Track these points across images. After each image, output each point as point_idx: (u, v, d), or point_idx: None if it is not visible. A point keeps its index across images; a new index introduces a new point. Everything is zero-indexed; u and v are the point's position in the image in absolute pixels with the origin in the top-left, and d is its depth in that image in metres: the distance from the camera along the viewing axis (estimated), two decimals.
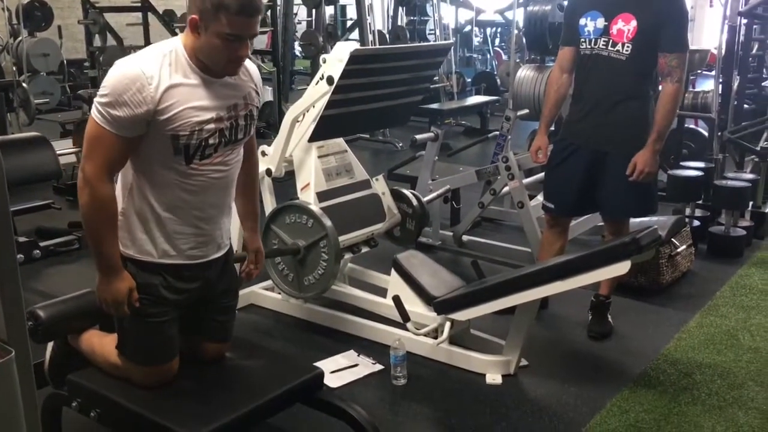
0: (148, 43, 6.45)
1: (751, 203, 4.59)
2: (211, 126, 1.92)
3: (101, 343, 2.17)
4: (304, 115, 3.18)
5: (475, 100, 8.56)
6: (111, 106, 1.81)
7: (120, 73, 1.83)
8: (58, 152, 4.36)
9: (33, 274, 3.91)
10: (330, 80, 2.97)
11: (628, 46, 2.86)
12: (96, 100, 1.85)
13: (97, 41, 6.95)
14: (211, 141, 1.93)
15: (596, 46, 2.93)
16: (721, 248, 4.26)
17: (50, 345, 2.27)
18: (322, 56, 3.09)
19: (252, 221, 2.34)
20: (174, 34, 6.01)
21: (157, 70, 1.83)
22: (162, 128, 1.86)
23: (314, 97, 3.08)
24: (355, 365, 2.90)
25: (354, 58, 2.91)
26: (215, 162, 1.97)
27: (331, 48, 3.14)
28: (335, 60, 2.98)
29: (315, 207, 3.03)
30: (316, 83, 3.06)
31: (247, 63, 2.05)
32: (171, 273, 2.01)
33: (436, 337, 2.87)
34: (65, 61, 8.00)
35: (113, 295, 1.93)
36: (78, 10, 7.41)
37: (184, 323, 2.11)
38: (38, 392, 2.16)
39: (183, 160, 1.91)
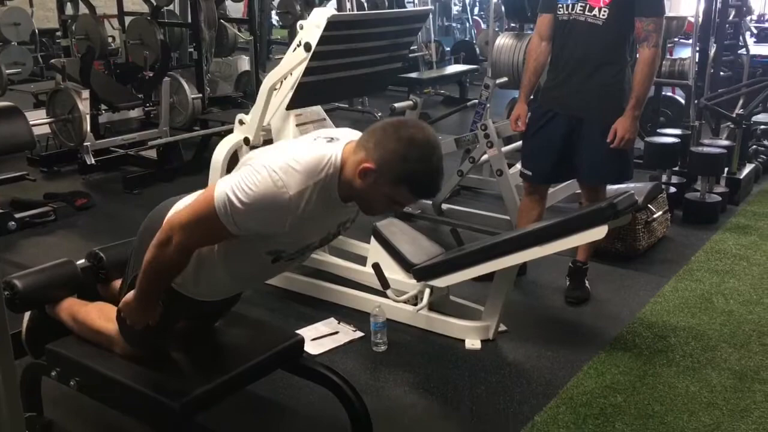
0: (121, 12, 6.33)
1: (726, 169, 4.65)
2: (315, 244, 1.86)
3: (85, 311, 2.15)
4: (281, 82, 3.15)
5: (454, 69, 8.51)
6: (241, 215, 1.64)
7: (269, 196, 1.62)
8: (31, 123, 4.30)
9: (9, 245, 3.87)
10: (307, 47, 2.93)
11: (604, 11, 2.86)
12: (230, 193, 1.64)
13: (69, 9, 6.81)
14: (308, 252, 1.89)
15: (573, 12, 2.92)
16: (697, 214, 4.32)
17: (27, 315, 2.25)
18: (299, 22, 3.05)
19: None
20: (150, 4, 5.90)
21: (302, 203, 1.65)
22: (272, 242, 1.76)
23: (292, 65, 3.05)
24: (336, 332, 2.91)
25: (331, 24, 2.88)
26: (297, 260, 1.95)
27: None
28: (312, 26, 2.95)
29: None
30: (294, 50, 3.02)
31: None
32: (196, 304, 1.99)
33: (415, 304, 2.89)
34: (37, 31, 7.84)
35: (138, 319, 1.88)
36: None
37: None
38: (17, 362, 2.17)
39: (272, 259, 1.83)
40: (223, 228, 1.68)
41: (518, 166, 3.43)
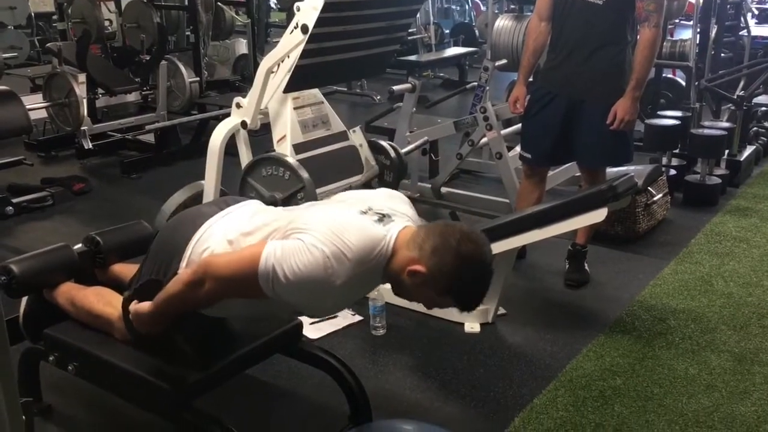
0: None
1: (726, 152, 4.63)
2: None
3: (83, 294, 2.14)
4: (278, 65, 3.11)
5: (453, 51, 8.46)
6: (283, 288, 1.60)
7: (318, 280, 1.58)
8: (28, 107, 4.27)
9: (6, 230, 3.86)
10: (304, 29, 2.90)
11: None
12: (278, 266, 1.58)
13: None
14: None
15: None
16: (697, 197, 4.30)
17: (24, 299, 2.25)
18: (296, 4, 3.02)
19: None
20: None
21: (346, 288, 1.63)
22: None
23: (289, 47, 3.01)
24: (335, 316, 2.90)
25: (329, 6, 2.84)
26: None
27: None
28: (309, 8, 2.91)
29: (291, 159, 3.00)
30: (291, 32, 2.99)
31: None
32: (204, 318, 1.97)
33: None
34: (33, 15, 7.78)
35: (147, 330, 1.86)
36: None
37: None
38: (15, 347, 2.17)
39: (286, 314, 1.84)
40: (260, 291, 1.63)
41: (517, 149, 3.42)
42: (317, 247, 1.58)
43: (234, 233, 1.80)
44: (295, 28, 2.95)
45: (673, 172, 4.38)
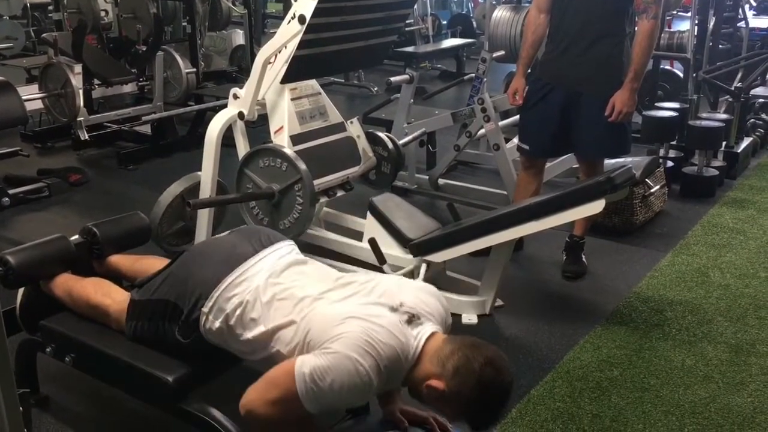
0: None
1: (724, 143, 4.63)
2: None
3: (81, 285, 2.14)
4: (275, 56, 3.10)
5: (450, 42, 8.44)
6: (322, 402, 1.60)
7: (355, 386, 1.59)
8: (24, 98, 4.25)
9: (2, 221, 3.85)
10: (302, 19, 2.89)
11: None
12: (311, 382, 1.57)
13: None
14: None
15: None
16: (694, 188, 4.31)
17: (21, 291, 2.24)
18: None
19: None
20: None
21: (376, 383, 1.61)
22: None
23: (286, 37, 3.00)
24: None
25: None
26: None
27: None
28: None
29: (289, 150, 2.99)
30: (288, 23, 2.98)
31: None
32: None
33: (412, 279, 2.88)
34: (29, 5, 7.73)
35: None
36: None
37: None
38: (12, 338, 2.17)
39: None
40: (305, 411, 1.63)
41: (515, 140, 3.41)
42: (350, 359, 1.58)
43: (264, 287, 1.82)
44: (293, 18, 2.94)
45: (670, 163, 4.38)
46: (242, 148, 3.21)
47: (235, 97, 3.22)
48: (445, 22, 9.70)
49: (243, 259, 1.89)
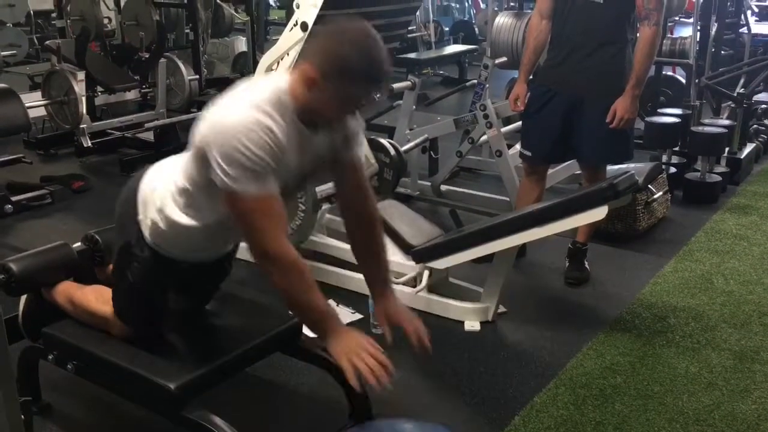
0: None
1: (727, 149, 4.62)
2: (293, 179, 1.80)
3: (81, 293, 2.14)
4: (278, 63, 3.11)
5: (453, 49, 8.45)
6: (251, 170, 1.60)
7: (245, 127, 1.60)
8: (27, 105, 4.27)
9: (5, 228, 3.85)
10: (304, 26, 2.90)
11: None
12: (229, 170, 1.60)
13: None
14: (286, 191, 1.80)
15: None
16: (697, 194, 4.30)
17: (23, 298, 2.24)
18: (296, 1, 3.01)
19: (384, 284, 1.95)
20: None
21: (278, 125, 1.64)
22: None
23: (288, 44, 3.01)
24: None
25: (328, 3, 2.84)
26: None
27: None
28: (309, 5, 2.91)
29: None
30: (290, 29, 2.99)
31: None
32: (184, 267, 1.99)
33: (414, 286, 2.88)
34: (32, 12, 7.76)
35: (354, 342, 1.71)
36: None
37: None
38: (14, 346, 2.17)
39: None
40: (263, 196, 1.63)
41: (518, 146, 3.41)
42: (221, 115, 1.65)
43: (170, 168, 1.90)
44: (295, 25, 2.96)
45: (673, 169, 4.37)
46: None
47: None
48: (447, 29, 9.71)
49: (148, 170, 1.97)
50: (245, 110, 1.63)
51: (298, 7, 2.97)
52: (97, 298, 2.10)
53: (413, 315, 1.93)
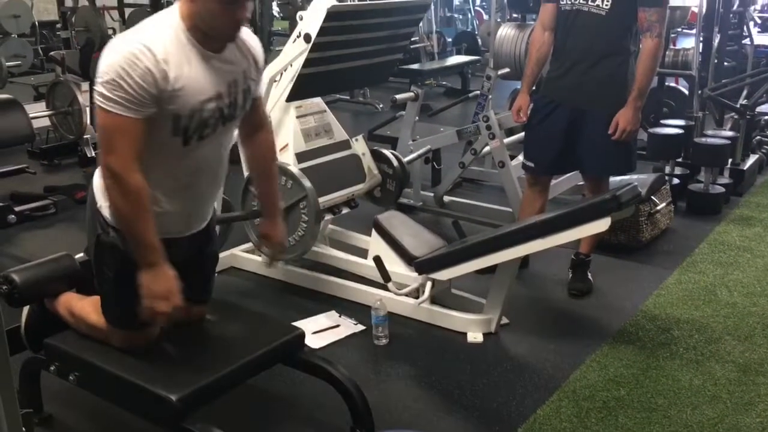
0: (121, 3, 6.29)
1: (730, 160, 4.62)
2: (212, 105, 1.84)
3: (81, 305, 2.15)
4: (281, 74, 3.12)
5: (455, 60, 8.48)
6: (119, 88, 1.70)
7: (123, 51, 1.71)
8: (31, 115, 4.29)
9: (8, 238, 3.86)
10: (307, 38, 2.91)
11: (607, 1, 2.83)
12: (100, 87, 1.72)
13: (68, 1, 6.76)
14: (210, 121, 1.86)
15: (577, 2, 2.89)
16: (700, 205, 4.29)
17: (26, 309, 2.24)
18: (299, 13, 3.03)
19: (273, 206, 2.19)
20: None
21: (160, 46, 1.73)
22: (164, 107, 1.77)
23: (292, 56, 3.03)
24: (337, 326, 2.90)
25: (331, 15, 2.85)
26: (212, 141, 1.92)
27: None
28: (312, 17, 2.92)
29: (294, 168, 3.00)
30: (294, 41, 3.00)
31: (248, 36, 1.97)
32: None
33: (417, 297, 2.88)
34: (37, 23, 7.81)
35: (164, 286, 1.83)
36: None
37: None
38: (16, 357, 2.17)
39: (180, 140, 1.84)
40: (126, 119, 1.72)
41: (520, 157, 3.41)
42: (114, 41, 1.79)
43: None
44: (298, 37, 2.97)
45: (676, 181, 4.37)
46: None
47: None
48: (450, 40, 9.75)
49: None
50: (128, 39, 1.75)
51: (301, 19, 2.99)
52: (96, 310, 2.09)
53: (285, 239, 2.32)
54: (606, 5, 2.83)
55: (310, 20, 2.92)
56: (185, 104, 1.78)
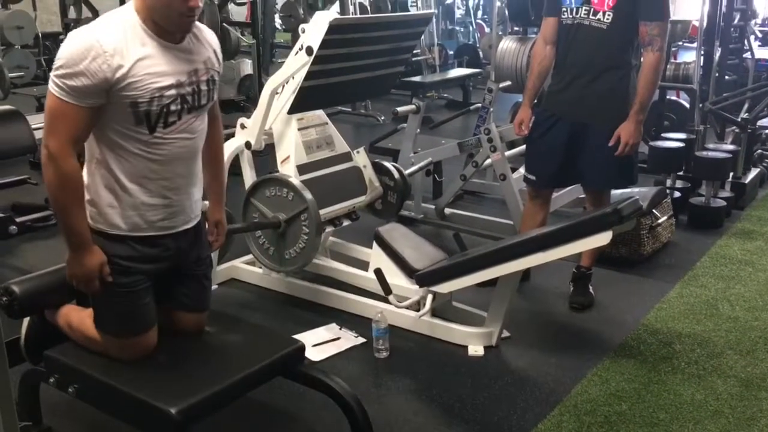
0: None
1: (731, 174, 4.62)
2: (172, 92, 1.91)
3: (79, 317, 2.14)
4: (283, 86, 3.13)
5: (457, 72, 8.50)
6: (68, 77, 1.79)
7: (74, 43, 1.80)
8: (33, 126, 4.28)
9: (9, 249, 3.86)
10: (309, 51, 2.92)
11: (609, 15, 2.83)
12: (52, 73, 1.82)
13: (72, 13, 6.82)
14: (173, 107, 1.92)
15: (578, 15, 2.90)
16: (702, 219, 4.29)
17: (26, 320, 2.24)
18: (301, 26, 3.04)
19: (216, 191, 2.30)
20: None
21: (111, 38, 1.81)
22: (121, 97, 1.84)
23: (293, 68, 3.03)
24: (337, 338, 2.89)
25: (333, 28, 2.86)
26: (180, 129, 1.96)
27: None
28: (314, 30, 2.93)
29: (295, 180, 3.00)
30: (296, 54, 3.01)
31: (204, 29, 2.06)
32: (141, 243, 2.00)
33: (418, 310, 2.87)
34: (40, 34, 7.83)
35: (83, 271, 1.93)
36: None
37: (158, 295, 2.09)
38: (15, 368, 2.16)
39: (146, 128, 1.90)
40: (71, 106, 1.80)
41: (522, 170, 3.41)
42: (72, 32, 1.85)
43: None
44: (300, 49, 2.98)
45: (677, 194, 4.37)
46: (249, 177, 3.23)
47: (243, 126, 3.24)
48: (451, 52, 9.78)
49: None
50: (83, 31, 1.83)
51: (303, 32, 2.99)
52: (94, 321, 2.09)
53: (225, 227, 2.37)
54: (607, 19, 2.84)
55: (312, 33, 2.93)
56: (144, 91, 1.85)
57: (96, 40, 1.79)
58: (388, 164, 3.51)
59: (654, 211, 3.74)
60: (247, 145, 3.22)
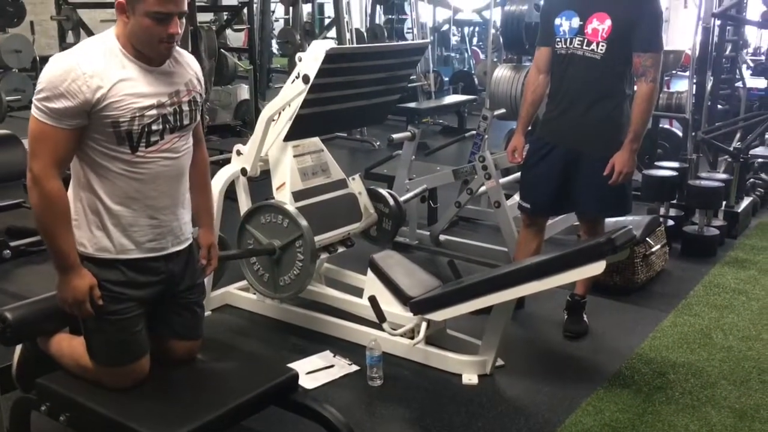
0: None
1: (724, 203, 4.64)
2: (153, 112, 1.93)
3: (70, 345, 2.13)
4: (279, 113, 3.15)
5: (452, 99, 8.57)
6: (48, 100, 1.82)
7: (55, 66, 1.83)
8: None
9: (3, 274, 3.84)
10: (306, 79, 2.94)
11: (602, 46, 2.87)
12: (34, 97, 1.85)
13: (70, 37, 6.84)
14: (154, 127, 1.94)
15: (571, 46, 2.93)
16: (695, 248, 4.30)
17: (18, 348, 2.22)
18: (298, 55, 3.07)
19: (205, 215, 2.32)
20: None
21: (91, 61, 1.85)
22: (102, 117, 1.86)
23: (290, 96, 3.05)
24: (331, 366, 2.88)
25: (330, 57, 2.89)
26: (163, 149, 1.98)
27: (309, 46, 3.12)
28: (311, 58, 2.96)
29: (290, 207, 3.01)
30: (292, 82, 3.03)
31: (184, 54, 2.09)
32: (131, 268, 2.00)
33: (412, 338, 2.86)
34: (38, 58, 7.87)
35: (74, 294, 1.94)
36: (51, 5, 7.28)
37: (151, 322, 2.08)
38: (6, 396, 2.14)
39: (128, 148, 1.92)
40: (53, 129, 1.83)
41: (516, 197, 3.42)
42: (54, 56, 1.88)
43: None
44: (297, 77, 3.00)
45: (671, 222, 4.39)
46: (244, 204, 3.23)
47: (239, 153, 3.26)
48: (447, 79, 9.87)
49: None
50: (64, 56, 1.87)
51: (300, 60, 3.02)
52: (85, 351, 2.08)
53: (218, 250, 2.38)
54: (601, 50, 2.87)
55: (309, 62, 2.95)
56: (124, 111, 1.88)
57: (76, 63, 1.83)
58: (383, 191, 3.52)
59: (648, 239, 3.76)
60: (243, 171, 3.23)
